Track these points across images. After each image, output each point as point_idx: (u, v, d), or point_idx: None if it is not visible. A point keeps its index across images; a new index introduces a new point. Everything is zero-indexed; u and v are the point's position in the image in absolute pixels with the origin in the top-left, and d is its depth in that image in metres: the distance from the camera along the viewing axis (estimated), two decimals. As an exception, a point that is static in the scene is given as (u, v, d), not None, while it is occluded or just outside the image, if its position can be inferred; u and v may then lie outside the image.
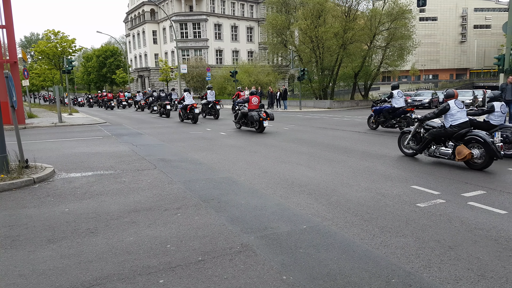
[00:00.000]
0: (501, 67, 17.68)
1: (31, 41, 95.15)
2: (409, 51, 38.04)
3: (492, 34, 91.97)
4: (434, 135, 8.16)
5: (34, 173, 7.05)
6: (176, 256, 3.73)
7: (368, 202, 5.43)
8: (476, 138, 7.51)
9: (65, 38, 40.73)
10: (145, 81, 65.60)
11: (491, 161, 7.30)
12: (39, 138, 13.45)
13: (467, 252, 3.75)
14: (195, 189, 6.22)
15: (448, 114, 7.94)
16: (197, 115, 19.07)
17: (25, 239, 4.23)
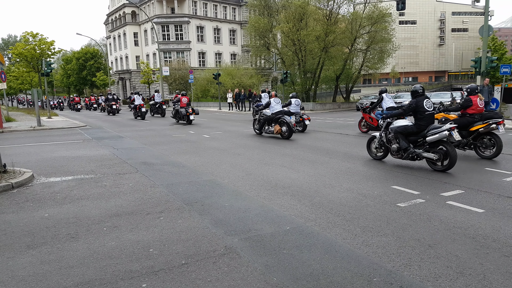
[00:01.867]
0: (478, 69, 18.18)
1: (9, 43, 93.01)
2: (389, 54, 38.72)
3: (469, 37, 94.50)
4: (265, 119, 14.01)
5: (12, 178, 6.89)
6: (159, 260, 3.71)
7: (350, 202, 5.50)
8: (283, 120, 13.23)
9: (43, 40, 39.92)
10: (126, 84, 64.84)
11: (291, 133, 13.11)
12: (18, 142, 13.15)
13: (446, 250, 3.84)
14: (178, 192, 6.19)
15: (270, 107, 13.81)
16: (144, 113, 23.94)
17: (4, 245, 4.13)
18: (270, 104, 13.85)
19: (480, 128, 8.97)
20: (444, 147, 7.53)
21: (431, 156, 7.65)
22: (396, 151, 8.21)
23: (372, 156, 9.15)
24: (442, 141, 7.58)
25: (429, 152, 7.67)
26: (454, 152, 7.41)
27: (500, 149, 8.76)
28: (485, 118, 9.10)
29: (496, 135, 8.90)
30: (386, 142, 8.64)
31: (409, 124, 8.19)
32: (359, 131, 14.89)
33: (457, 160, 7.47)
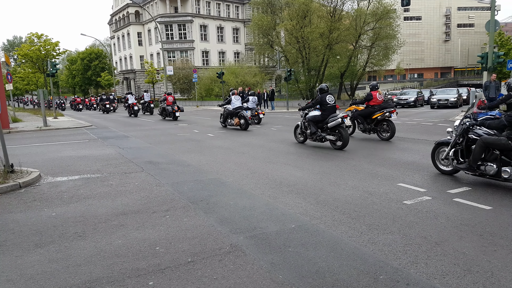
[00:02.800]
0: (484, 65, 18.03)
1: (14, 45, 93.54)
2: (394, 50, 38.56)
3: (475, 33, 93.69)
4: (227, 114, 16.46)
5: (20, 178, 6.95)
6: (165, 258, 3.73)
7: (355, 200, 5.49)
8: (241, 114, 15.52)
9: (48, 41, 40.12)
10: (131, 83, 65.08)
11: (248, 125, 15.40)
12: (24, 143, 13.25)
13: (453, 247, 3.83)
14: (183, 191, 6.21)
15: (231, 103, 16.05)
16: (136, 111, 26.90)
17: (12, 244, 4.17)
18: (231, 101, 16.21)
19: (378, 116, 11.63)
20: (340, 131, 9.97)
21: (331, 137, 10.14)
22: (310, 135, 10.64)
23: (297, 141, 11.56)
24: (339, 126, 9.95)
25: (330, 135, 10.18)
26: (346, 134, 9.93)
27: (394, 133, 11.52)
28: (382, 108, 11.69)
29: (391, 122, 11.53)
30: (304, 128, 10.98)
31: (317, 114, 10.47)
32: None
33: (349, 140, 10.05)
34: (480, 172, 6.20)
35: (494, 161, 6.02)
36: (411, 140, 11.38)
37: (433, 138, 11.68)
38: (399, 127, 13.76)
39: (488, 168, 6.03)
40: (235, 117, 15.97)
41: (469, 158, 6.32)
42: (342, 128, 9.96)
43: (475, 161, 6.19)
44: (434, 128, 14.45)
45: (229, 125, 16.69)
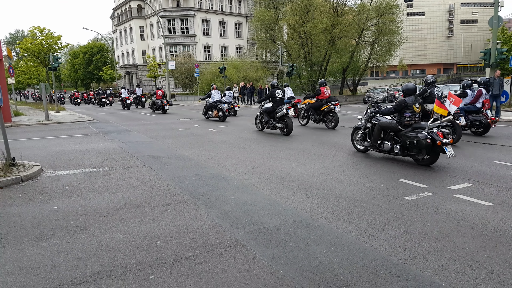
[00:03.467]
0: (487, 61, 17.93)
1: (16, 38, 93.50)
2: (396, 46, 38.40)
3: (478, 29, 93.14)
4: (208, 106, 18.28)
5: (22, 171, 6.97)
6: (166, 252, 3.74)
7: (356, 196, 5.49)
8: (219, 107, 17.29)
9: (50, 34, 40.11)
10: (133, 78, 65.02)
11: (225, 117, 17.30)
12: (26, 136, 13.27)
13: (454, 243, 3.83)
14: (184, 185, 6.21)
15: (211, 97, 17.86)
16: (129, 104, 28.94)
17: (14, 237, 4.19)
18: (211, 95, 18.19)
19: (325, 108, 13.88)
20: (286, 120, 12.22)
21: (279, 125, 12.43)
22: (264, 123, 12.98)
23: (257, 128, 13.76)
24: (286, 116, 12.20)
25: (279, 123, 12.45)
26: (291, 122, 12.21)
27: (337, 123, 13.74)
28: (328, 101, 13.90)
29: (335, 113, 13.82)
30: (261, 118, 13.23)
31: (269, 105, 12.73)
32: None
33: (293, 127, 12.30)
34: (380, 149, 8.17)
35: (389, 140, 7.98)
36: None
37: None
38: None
39: (385, 145, 8.00)
40: (215, 109, 17.94)
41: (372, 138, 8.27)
42: (288, 118, 12.27)
43: (375, 141, 8.15)
44: (436, 124, 14.38)
45: (210, 117, 18.60)
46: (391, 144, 7.88)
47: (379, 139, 8.12)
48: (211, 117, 18.41)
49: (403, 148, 7.63)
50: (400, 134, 7.69)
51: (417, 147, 7.22)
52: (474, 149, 9.08)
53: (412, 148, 7.42)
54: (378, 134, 8.08)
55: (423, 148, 7.18)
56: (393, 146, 7.85)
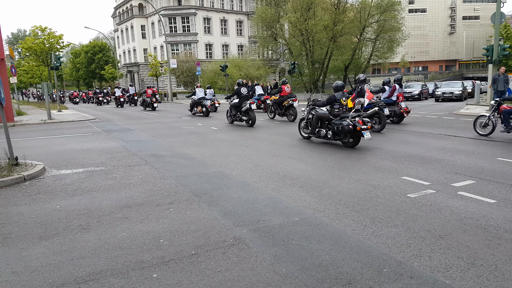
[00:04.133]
0: (489, 58, 17.87)
1: (18, 38, 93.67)
2: (398, 43, 38.29)
3: (480, 25, 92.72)
4: (193, 103, 20.09)
5: (24, 171, 6.98)
6: (169, 251, 3.74)
7: (359, 193, 5.48)
8: (203, 103, 19.19)
9: (52, 34, 40.11)
10: (135, 77, 65.03)
11: (208, 112, 19.14)
12: (29, 136, 13.30)
13: (457, 241, 3.82)
14: (187, 184, 6.22)
15: (196, 94, 19.68)
16: (122, 102, 31.46)
17: (17, 236, 4.20)
18: (196, 93, 20.06)
19: (285, 103, 16.02)
20: (250, 113, 14.21)
21: (245, 118, 14.42)
22: (233, 116, 15.05)
23: (228, 121, 15.62)
24: (249, 110, 14.18)
25: (244, 116, 14.44)
26: (254, 115, 14.22)
27: (296, 116, 15.25)
28: (288, 97, 16.04)
29: (294, 108, 15.93)
30: (230, 112, 15.27)
31: (237, 101, 14.65)
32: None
33: (255, 119, 14.34)
34: (317, 135, 10.00)
35: (324, 128, 9.85)
36: (415, 134, 11.33)
37: (438, 131, 11.63)
38: (405, 120, 14.32)
39: (321, 132, 9.82)
40: (199, 105, 19.82)
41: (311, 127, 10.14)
42: (251, 111, 14.29)
43: (314, 128, 10.05)
44: (439, 122, 14.37)
45: (196, 113, 20.39)
46: (325, 131, 9.74)
47: (317, 127, 10.04)
48: (197, 112, 20.18)
49: (334, 133, 9.40)
50: (331, 123, 9.51)
51: (343, 132, 9.09)
52: (476, 146, 9.05)
53: (339, 133, 9.26)
54: (316, 123, 10.02)
55: (347, 132, 9.05)
56: (327, 132, 9.67)
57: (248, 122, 14.39)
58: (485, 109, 17.41)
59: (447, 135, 10.89)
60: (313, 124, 10.04)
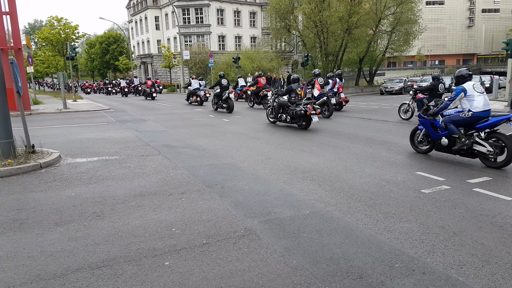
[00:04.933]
0: (509, 52, 17.47)
1: (35, 28, 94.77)
2: (415, 36, 37.63)
3: (500, 18, 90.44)
4: (189, 93, 22.22)
5: (41, 158, 7.11)
6: (181, 239, 3.78)
7: (372, 188, 5.44)
8: (197, 93, 21.81)
9: (68, 24, 40.54)
10: (148, 68, 65.35)
11: (202, 102, 21.81)
12: (45, 124, 13.51)
13: (472, 238, 3.77)
14: (199, 174, 6.25)
15: (191, 85, 21.65)
16: (127, 92, 35.59)
17: (33, 222, 4.28)
18: (191, 84, 22.23)
19: (261, 94, 18.68)
20: (228, 101, 16.91)
21: (225, 105, 17.01)
22: (215, 104, 17.71)
23: (213, 108, 18.20)
24: (228, 98, 16.88)
25: (224, 104, 17.10)
26: (232, 103, 16.85)
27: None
28: (263, 88, 18.82)
29: (267, 97, 17.25)
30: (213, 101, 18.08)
31: (218, 91, 17.26)
32: (380, 116, 14.63)
33: (233, 107, 16.97)
34: (280, 119, 12.13)
35: (285, 113, 11.97)
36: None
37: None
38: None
39: (282, 117, 12.02)
40: (194, 95, 22.31)
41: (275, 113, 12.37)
42: (230, 99, 16.95)
43: (277, 114, 12.24)
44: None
45: (192, 102, 22.71)
46: (285, 116, 11.87)
47: (279, 112, 12.19)
48: (192, 102, 22.56)
49: (291, 118, 11.55)
50: (289, 109, 11.61)
51: (297, 116, 11.33)
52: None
53: (295, 118, 11.44)
54: (278, 109, 12.22)
55: (300, 116, 11.28)
56: (286, 117, 11.80)
57: (227, 109, 16.94)
58: (503, 105, 17.07)
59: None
60: (276, 110, 12.31)
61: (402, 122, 12.75)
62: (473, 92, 6.68)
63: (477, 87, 6.79)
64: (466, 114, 6.70)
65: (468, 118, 6.68)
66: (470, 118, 6.65)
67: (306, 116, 11.07)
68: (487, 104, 6.66)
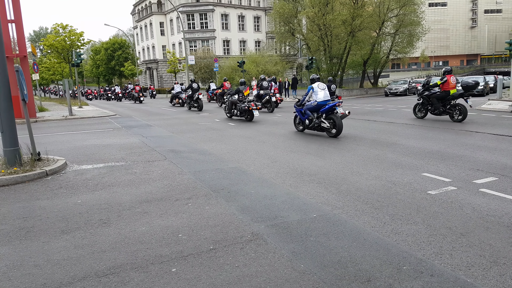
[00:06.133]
0: (513, 52, 17.35)
1: (40, 35, 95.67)
2: (418, 37, 37.56)
3: (503, 19, 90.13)
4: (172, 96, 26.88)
5: (47, 166, 7.15)
6: (187, 245, 3.77)
7: (378, 190, 5.41)
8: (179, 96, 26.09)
9: (73, 31, 40.87)
10: (154, 73, 65.69)
11: (183, 103, 24.58)
12: (50, 131, 13.60)
13: (479, 239, 3.73)
14: (205, 179, 6.25)
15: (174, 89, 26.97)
16: (120, 97, 39.72)
17: (39, 230, 4.30)
18: (174, 88, 26.73)
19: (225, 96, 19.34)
20: (198, 101, 21.03)
21: (196, 105, 21.01)
22: (187, 104, 21.82)
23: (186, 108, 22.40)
24: (198, 99, 20.97)
25: (194, 103, 21.06)
26: (201, 103, 20.97)
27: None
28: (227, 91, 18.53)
29: None
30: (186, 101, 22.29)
31: (190, 93, 21.34)
32: (386, 118, 14.58)
33: (203, 106, 21.42)
34: (232, 114, 15.53)
35: (236, 109, 15.23)
36: (436, 129, 11.12)
37: (459, 127, 11.39)
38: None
39: (234, 112, 15.30)
40: (176, 98, 26.10)
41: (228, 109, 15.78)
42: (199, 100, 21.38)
43: (230, 110, 15.54)
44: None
45: (174, 104, 26.71)
46: (236, 112, 15.23)
47: (232, 108, 15.47)
48: (175, 104, 26.48)
49: (240, 112, 14.92)
50: (237, 106, 15.05)
51: (243, 111, 14.78)
52: (499, 142, 8.82)
53: (242, 112, 14.85)
54: (230, 106, 15.49)
55: (244, 111, 14.74)
56: (236, 112, 15.20)
57: (198, 108, 20.98)
58: (508, 104, 16.95)
59: (468, 131, 10.65)
60: (229, 107, 15.67)
61: (408, 124, 12.65)
62: (317, 89, 10.70)
63: (320, 85, 10.79)
64: (314, 103, 10.60)
65: (315, 106, 10.61)
66: (316, 106, 10.59)
67: (249, 110, 14.48)
68: (327, 96, 10.69)
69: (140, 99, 32.75)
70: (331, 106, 10.30)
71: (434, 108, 13.08)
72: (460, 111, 12.56)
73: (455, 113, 12.70)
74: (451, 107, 12.78)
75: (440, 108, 12.89)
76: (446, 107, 12.87)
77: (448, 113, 12.89)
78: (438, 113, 13.03)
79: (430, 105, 13.38)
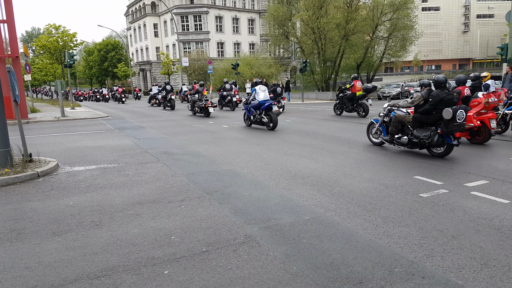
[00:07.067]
0: (504, 56, 17.62)
1: (33, 36, 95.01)
2: (411, 41, 37.93)
3: (495, 24, 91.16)
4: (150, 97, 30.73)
5: (38, 167, 7.09)
6: (180, 247, 3.76)
7: (371, 192, 5.44)
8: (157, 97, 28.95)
9: (66, 32, 40.65)
10: (147, 75, 65.50)
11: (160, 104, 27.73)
12: (42, 133, 13.50)
13: (470, 241, 3.77)
14: (198, 181, 6.24)
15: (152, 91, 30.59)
16: (107, 99, 42.86)
17: (31, 232, 4.27)
18: (152, 89, 28.96)
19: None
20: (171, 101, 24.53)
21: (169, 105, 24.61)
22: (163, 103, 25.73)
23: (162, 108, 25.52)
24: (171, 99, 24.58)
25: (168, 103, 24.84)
26: (173, 103, 24.60)
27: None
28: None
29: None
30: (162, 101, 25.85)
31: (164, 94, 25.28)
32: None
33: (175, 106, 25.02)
34: (194, 111, 18.84)
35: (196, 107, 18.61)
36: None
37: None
38: None
39: (195, 109, 18.83)
40: (154, 99, 28.69)
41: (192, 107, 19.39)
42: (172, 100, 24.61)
43: (192, 107, 19.00)
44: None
45: (153, 104, 29.26)
46: (196, 109, 18.43)
47: (194, 106, 18.55)
48: (153, 104, 29.21)
49: (200, 109, 18.10)
50: (197, 104, 18.17)
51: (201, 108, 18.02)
52: (490, 146, 8.91)
53: (200, 109, 18.02)
54: (192, 104, 18.57)
55: (202, 108, 17.65)
56: (197, 110, 18.39)
57: (171, 107, 24.18)
58: (499, 109, 17.11)
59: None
60: (191, 106, 18.96)
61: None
62: (259, 91, 12.81)
63: (262, 88, 13.00)
64: (256, 102, 12.76)
65: (257, 104, 12.78)
66: (258, 105, 12.77)
67: (206, 108, 17.46)
68: (267, 97, 12.87)
69: (122, 100, 36.75)
70: (268, 105, 12.61)
71: (345, 106, 16.62)
72: (363, 109, 16.04)
73: (360, 110, 16.17)
74: (358, 106, 16.23)
75: (349, 106, 16.43)
76: (354, 106, 16.33)
77: (355, 111, 16.40)
78: (349, 110, 16.61)
79: (343, 105, 16.76)
